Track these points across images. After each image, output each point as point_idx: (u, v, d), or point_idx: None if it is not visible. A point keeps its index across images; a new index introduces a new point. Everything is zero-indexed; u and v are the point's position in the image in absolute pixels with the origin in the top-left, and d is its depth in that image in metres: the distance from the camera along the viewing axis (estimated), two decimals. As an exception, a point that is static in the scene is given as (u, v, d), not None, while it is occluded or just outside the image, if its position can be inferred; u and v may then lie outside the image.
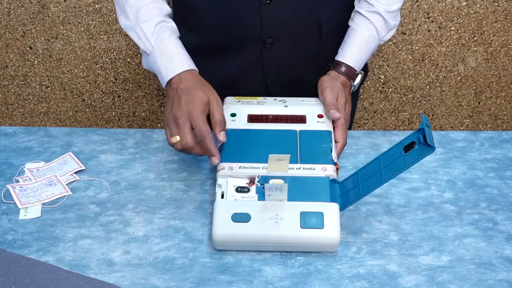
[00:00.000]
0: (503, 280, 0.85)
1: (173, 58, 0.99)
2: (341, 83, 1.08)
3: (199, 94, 0.94)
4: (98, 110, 2.01)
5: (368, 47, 1.11)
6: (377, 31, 1.11)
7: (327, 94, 1.04)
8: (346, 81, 1.09)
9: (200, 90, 0.95)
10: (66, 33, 1.85)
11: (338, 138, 1.01)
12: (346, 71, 1.09)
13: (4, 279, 0.84)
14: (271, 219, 0.88)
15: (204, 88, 0.96)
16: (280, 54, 1.11)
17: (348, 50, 1.10)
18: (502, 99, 1.96)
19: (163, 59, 0.99)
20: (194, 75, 0.99)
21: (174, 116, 0.93)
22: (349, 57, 1.10)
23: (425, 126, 0.85)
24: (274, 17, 1.07)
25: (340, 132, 1.01)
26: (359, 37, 1.10)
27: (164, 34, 1.01)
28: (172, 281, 0.85)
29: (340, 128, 1.02)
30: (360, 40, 1.10)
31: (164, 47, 1.00)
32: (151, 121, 2.04)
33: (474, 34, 1.82)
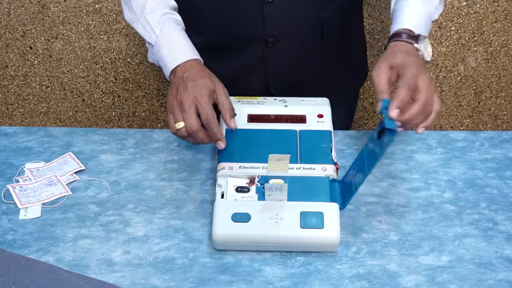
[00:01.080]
0: (503, 280, 0.85)
1: (178, 47, 0.99)
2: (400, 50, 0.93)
3: (206, 81, 0.94)
4: (98, 110, 2.01)
5: (424, 12, 0.99)
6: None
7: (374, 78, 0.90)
8: (408, 45, 0.94)
9: (206, 78, 0.95)
10: (66, 33, 1.85)
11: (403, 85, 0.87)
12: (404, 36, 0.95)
13: (4, 279, 0.84)
14: (271, 219, 0.88)
15: (210, 76, 0.96)
16: (282, 53, 1.11)
17: (400, 17, 0.98)
18: (502, 99, 1.96)
19: (168, 49, 0.99)
20: (199, 64, 0.99)
21: (180, 100, 0.92)
22: (404, 22, 0.97)
23: (384, 109, 0.83)
24: (276, 16, 1.07)
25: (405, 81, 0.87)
26: (409, 4, 0.99)
27: (169, 25, 1.01)
28: (172, 281, 0.85)
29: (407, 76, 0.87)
30: (412, 6, 0.99)
31: (169, 37, 1.00)
32: (151, 121, 2.04)
33: (474, 34, 1.82)
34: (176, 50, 0.99)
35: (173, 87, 0.96)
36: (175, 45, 0.99)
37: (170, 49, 0.99)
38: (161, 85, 1.95)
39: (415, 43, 0.95)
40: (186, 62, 0.98)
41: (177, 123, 0.92)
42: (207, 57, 1.05)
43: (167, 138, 1.12)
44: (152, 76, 1.93)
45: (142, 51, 1.88)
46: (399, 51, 0.92)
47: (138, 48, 1.87)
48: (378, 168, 1.04)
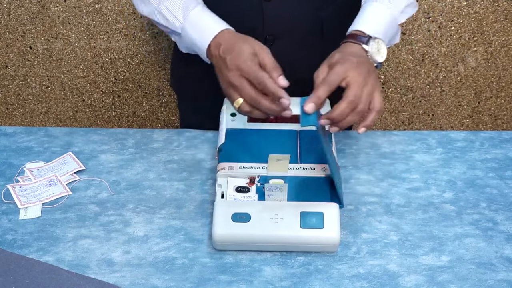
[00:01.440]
0: (503, 280, 0.85)
1: (204, 25, 0.96)
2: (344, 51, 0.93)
3: (243, 47, 0.90)
4: (98, 110, 2.01)
5: (379, 14, 0.99)
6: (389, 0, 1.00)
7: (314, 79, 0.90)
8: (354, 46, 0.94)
9: (242, 43, 0.91)
10: (66, 33, 1.85)
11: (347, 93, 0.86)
12: (351, 38, 0.96)
13: (4, 279, 0.84)
14: (271, 219, 0.88)
15: (246, 40, 0.92)
16: (282, 52, 1.11)
17: (357, 20, 0.99)
18: (502, 99, 1.96)
19: (196, 30, 0.96)
20: (230, 33, 0.95)
21: (228, 80, 0.89)
22: (358, 24, 0.98)
23: (300, 108, 0.83)
24: (275, 15, 1.07)
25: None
26: (369, 8, 1.00)
27: (190, 6, 0.98)
28: (172, 281, 0.85)
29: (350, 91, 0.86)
30: (369, 9, 1.00)
31: (193, 18, 0.97)
32: (151, 121, 2.04)
33: (474, 34, 1.82)
34: (203, 28, 0.96)
35: (217, 70, 0.93)
36: (201, 24, 0.96)
37: (198, 30, 0.96)
38: (161, 85, 1.95)
39: (363, 44, 0.94)
40: (217, 37, 0.94)
41: (235, 101, 0.89)
42: None
43: (167, 138, 1.12)
44: (152, 76, 1.93)
45: (142, 51, 1.88)
46: (339, 52, 0.92)
47: (138, 48, 1.87)
48: (378, 168, 1.05)
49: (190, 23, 0.97)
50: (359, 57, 0.91)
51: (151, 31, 1.83)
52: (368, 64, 0.91)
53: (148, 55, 1.88)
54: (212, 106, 1.13)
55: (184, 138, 1.12)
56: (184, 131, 1.14)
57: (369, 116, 0.88)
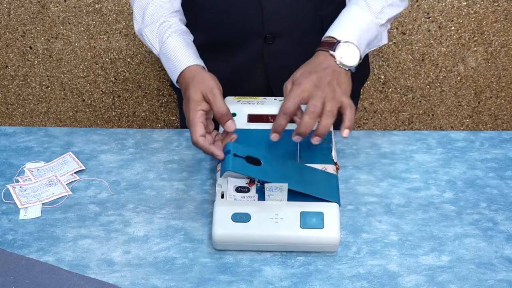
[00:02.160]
0: (503, 280, 0.85)
1: (171, 59, 1.00)
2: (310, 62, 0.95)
3: (192, 95, 0.94)
4: (98, 110, 2.01)
5: (353, 17, 0.99)
6: (366, 3, 1.00)
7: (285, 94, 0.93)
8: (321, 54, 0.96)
9: (192, 90, 0.94)
10: (66, 33, 1.85)
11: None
12: (322, 45, 0.97)
13: (4, 279, 0.84)
14: (271, 219, 0.88)
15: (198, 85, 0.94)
16: (281, 50, 1.11)
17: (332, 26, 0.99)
18: (502, 99, 1.96)
19: (167, 64, 1.01)
20: (190, 72, 0.98)
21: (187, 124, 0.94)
22: (330, 31, 0.98)
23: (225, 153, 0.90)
24: (275, 13, 1.07)
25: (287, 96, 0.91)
26: (344, 12, 1.01)
27: (164, 36, 1.02)
28: (172, 281, 0.85)
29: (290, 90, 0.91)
30: (342, 15, 1.00)
31: (164, 50, 1.01)
32: (151, 121, 2.04)
33: (474, 34, 1.82)
34: (171, 63, 1.00)
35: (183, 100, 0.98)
36: (169, 57, 1.00)
37: (167, 64, 1.01)
38: (161, 85, 1.95)
39: (330, 50, 0.95)
40: (180, 76, 0.98)
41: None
42: (207, 54, 1.05)
43: (167, 138, 1.12)
44: (152, 76, 1.94)
45: (142, 51, 1.88)
46: (306, 65, 0.95)
47: (138, 48, 1.87)
48: (378, 168, 1.05)
49: (163, 55, 1.02)
50: (324, 69, 0.93)
51: (151, 31, 1.83)
52: (331, 75, 0.92)
53: (148, 55, 1.88)
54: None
55: (184, 138, 1.12)
56: (184, 131, 1.14)
57: (345, 116, 0.89)
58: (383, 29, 1.03)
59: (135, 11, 1.07)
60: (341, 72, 0.94)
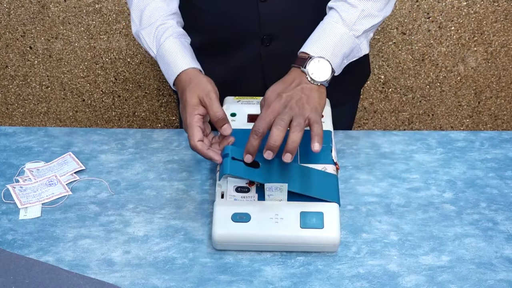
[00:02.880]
0: (503, 280, 0.85)
1: (169, 62, 0.99)
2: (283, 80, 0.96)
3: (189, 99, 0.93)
4: (98, 110, 2.01)
5: (329, 33, 0.98)
6: (340, 16, 0.98)
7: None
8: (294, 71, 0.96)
9: (189, 94, 0.94)
10: (66, 33, 1.85)
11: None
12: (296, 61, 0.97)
13: (4, 279, 0.84)
14: (271, 219, 0.88)
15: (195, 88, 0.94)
16: (279, 52, 1.11)
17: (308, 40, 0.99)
18: (502, 99, 1.96)
19: (163, 66, 1.01)
20: (187, 76, 0.97)
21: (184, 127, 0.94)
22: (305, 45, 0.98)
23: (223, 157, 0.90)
24: (272, 15, 1.07)
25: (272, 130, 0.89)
26: (318, 26, 1.00)
27: (161, 38, 1.01)
28: (172, 281, 0.85)
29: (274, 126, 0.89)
30: (316, 30, 1.00)
31: (161, 52, 1.00)
32: (151, 121, 2.04)
33: (474, 34, 1.82)
34: (168, 65, 0.99)
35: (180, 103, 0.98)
36: (166, 59, 0.99)
37: (164, 66, 1.00)
38: (161, 85, 1.95)
39: (301, 66, 0.95)
40: (177, 78, 0.98)
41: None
42: (204, 56, 1.05)
43: (167, 138, 1.12)
44: (152, 76, 1.94)
45: (142, 51, 1.88)
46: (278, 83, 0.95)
47: (138, 48, 1.87)
48: (378, 168, 1.05)
49: (160, 58, 1.01)
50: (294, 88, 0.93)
51: (151, 31, 1.83)
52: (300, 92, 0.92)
53: (148, 55, 1.88)
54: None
55: (184, 138, 1.12)
56: (184, 131, 1.14)
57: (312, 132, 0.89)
58: (362, 41, 1.00)
59: (132, 13, 1.07)
60: (312, 88, 0.94)
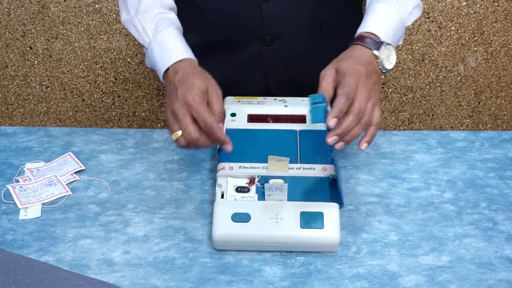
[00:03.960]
0: (503, 280, 0.85)
1: (168, 47, 0.94)
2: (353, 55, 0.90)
3: (197, 82, 0.87)
4: (98, 110, 2.01)
5: (392, 18, 0.94)
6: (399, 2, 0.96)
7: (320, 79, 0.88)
8: (364, 50, 0.91)
9: (197, 78, 0.88)
10: (66, 33, 1.85)
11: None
12: (365, 40, 0.91)
13: (4, 279, 0.84)
14: (271, 219, 0.88)
15: (201, 75, 0.89)
16: (280, 52, 1.11)
17: (367, 20, 0.94)
18: (502, 99, 1.96)
19: (159, 51, 0.94)
20: (191, 64, 0.93)
21: (173, 109, 0.86)
22: (369, 25, 0.93)
23: (311, 105, 0.84)
24: (274, 15, 1.07)
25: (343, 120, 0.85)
26: (379, 8, 0.95)
27: (162, 25, 0.96)
28: (172, 281, 0.85)
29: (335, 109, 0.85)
30: (381, 10, 0.95)
31: (161, 38, 0.95)
32: (151, 121, 2.04)
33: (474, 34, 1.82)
34: (167, 50, 0.93)
35: (167, 95, 0.89)
36: (166, 45, 0.94)
37: (162, 51, 0.93)
38: (161, 85, 1.95)
39: (374, 49, 0.91)
40: (177, 63, 0.91)
41: (174, 133, 0.86)
42: (206, 55, 1.05)
43: (167, 138, 1.12)
44: (152, 76, 1.94)
45: (142, 51, 1.88)
46: (350, 57, 0.89)
47: (138, 48, 1.87)
48: (378, 168, 1.05)
49: (157, 42, 0.95)
50: (367, 64, 0.88)
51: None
52: (375, 74, 0.89)
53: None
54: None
55: (184, 138, 1.12)
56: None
57: (370, 130, 0.87)
58: (404, 32, 0.98)
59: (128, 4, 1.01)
60: (379, 74, 0.90)
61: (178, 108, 0.85)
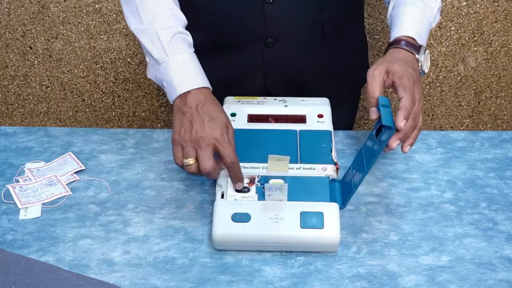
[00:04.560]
0: (503, 280, 0.85)
1: (189, 71, 0.93)
2: (399, 57, 0.92)
3: (222, 118, 0.90)
4: (98, 110, 2.01)
5: (423, 22, 0.96)
6: (425, 5, 0.98)
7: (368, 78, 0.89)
8: (408, 54, 0.93)
9: (220, 112, 0.91)
10: (66, 33, 1.85)
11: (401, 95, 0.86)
12: (405, 44, 0.94)
13: (4, 279, 0.84)
14: (271, 219, 0.88)
15: (222, 110, 0.92)
16: (282, 54, 1.11)
17: (402, 25, 0.95)
18: (502, 99, 1.96)
19: (178, 71, 0.93)
20: (212, 96, 0.94)
21: (196, 137, 0.87)
22: (405, 29, 0.94)
23: (380, 107, 0.83)
24: (276, 17, 1.07)
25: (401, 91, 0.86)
26: (410, 12, 0.97)
27: (182, 46, 0.96)
28: (172, 281, 0.85)
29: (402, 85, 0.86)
30: (413, 14, 0.96)
31: (181, 59, 0.94)
32: (151, 121, 2.04)
33: (474, 34, 1.82)
34: (188, 74, 0.93)
35: (184, 118, 0.90)
36: (186, 68, 0.94)
37: (181, 72, 0.93)
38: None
39: (416, 53, 0.93)
40: (198, 90, 0.92)
41: (187, 158, 0.88)
42: (206, 56, 1.05)
43: (167, 138, 1.12)
44: (153, 77, 1.93)
45: (142, 51, 1.88)
46: (399, 59, 0.91)
47: (138, 48, 1.87)
48: (378, 168, 1.05)
49: (176, 61, 0.94)
50: (414, 70, 0.90)
51: (151, 31, 1.83)
52: (419, 78, 0.91)
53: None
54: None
55: (184, 138, 1.12)
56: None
57: (414, 133, 0.88)
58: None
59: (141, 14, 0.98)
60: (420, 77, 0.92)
61: (204, 138, 0.87)
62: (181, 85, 0.92)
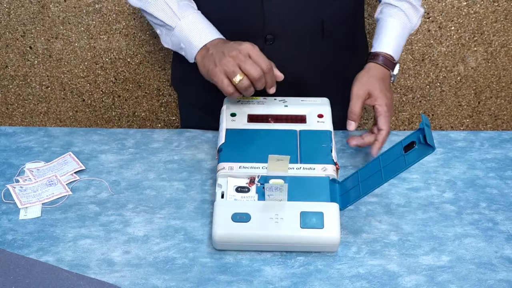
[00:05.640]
0: (503, 280, 0.85)
1: (203, 28, 1.03)
2: (378, 76, 1.05)
3: (242, 42, 0.96)
4: (98, 110, 2.01)
5: (403, 36, 1.10)
6: (408, 18, 1.10)
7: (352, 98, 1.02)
8: (385, 71, 1.07)
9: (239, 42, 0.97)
10: (66, 33, 1.85)
11: (381, 125, 1.01)
12: (384, 61, 1.07)
13: (4, 279, 0.84)
14: (271, 219, 0.88)
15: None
16: (281, 52, 1.11)
17: (384, 39, 1.08)
18: (502, 99, 1.96)
19: (193, 30, 1.02)
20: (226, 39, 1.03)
21: (233, 53, 0.94)
22: (386, 46, 1.08)
23: (425, 126, 0.85)
24: (276, 14, 1.07)
25: (382, 120, 1.01)
26: (392, 26, 1.09)
27: (190, 9, 1.05)
28: (172, 281, 0.85)
29: (383, 115, 1.01)
30: (395, 29, 1.09)
31: (192, 19, 1.04)
32: (151, 121, 2.04)
33: (474, 34, 1.82)
34: (202, 30, 1.02)
35: (213, 54, 0.97)
36: (199, 25, 1.03)
37: (195, 29, 1.02)
38: (161, 85, 1.95)
39: (391, 70, 1.07)
40: (214, 40, 1.01)
41: (234, 77, 0.93)
42: None
43: (167, 138, 1.12)
44: (152, 76, 1.93)
45: (142, 51, 1.88)
46: (378, 79, 1.04)
47: (138, 48, 1.87)
48: (378, 168, 1.05)
49: (189, 23, 1.03)
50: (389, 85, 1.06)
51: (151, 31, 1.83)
52: (391, 92, 1.06)
53: (148, 55, 1.88)
54: (212, 106, 1.13)
55: (184, 138, 1.12)
56: (184, 131, 1.14)
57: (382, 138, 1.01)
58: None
59: None
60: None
61: (237, 53, 0.94)
62: (199, 40, 1.01)
